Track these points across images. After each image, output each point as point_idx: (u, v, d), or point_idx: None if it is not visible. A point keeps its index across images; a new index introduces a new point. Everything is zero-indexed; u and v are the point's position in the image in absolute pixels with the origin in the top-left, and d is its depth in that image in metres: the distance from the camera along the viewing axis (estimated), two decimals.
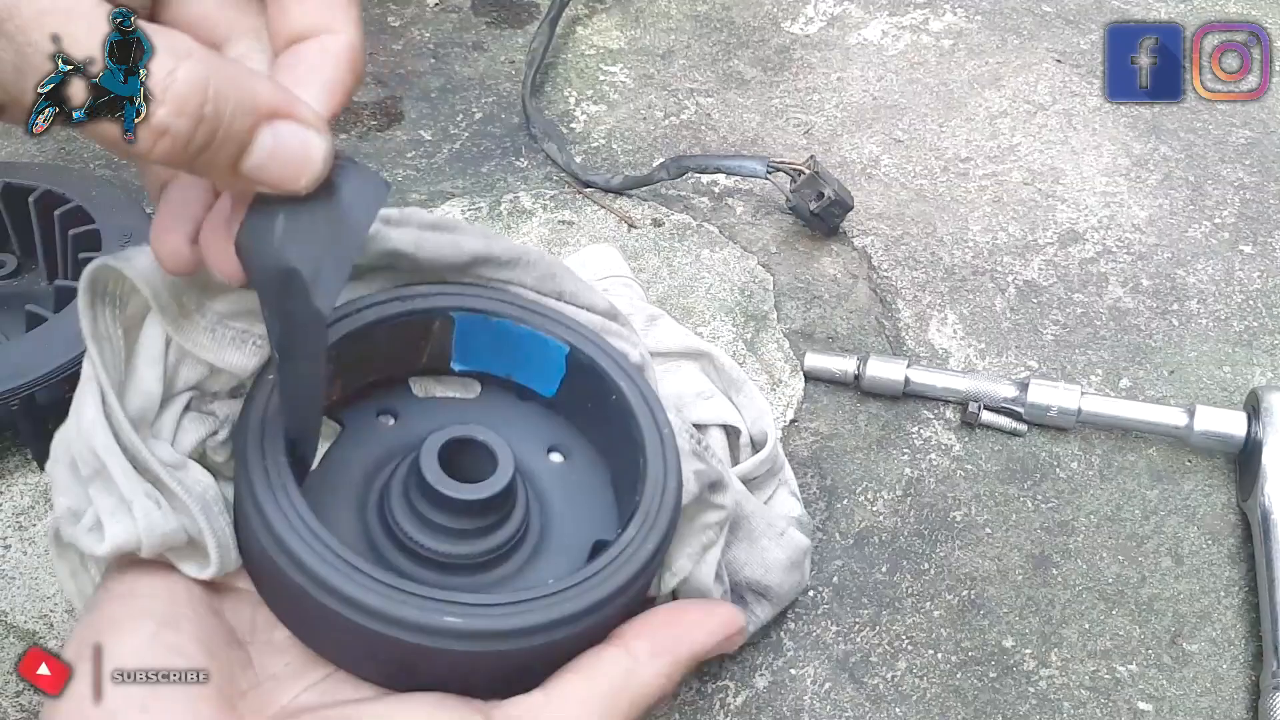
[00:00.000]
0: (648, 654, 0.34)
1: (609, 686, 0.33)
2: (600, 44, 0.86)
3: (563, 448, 0.43)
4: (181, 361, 0.36)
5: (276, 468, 0.34)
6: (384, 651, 0.33)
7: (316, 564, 0.32)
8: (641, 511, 0.37)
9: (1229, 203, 0.75)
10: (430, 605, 0.32)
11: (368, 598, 0.32)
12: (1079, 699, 0.51)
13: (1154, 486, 0.60)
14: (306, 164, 0.30)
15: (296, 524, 0.33)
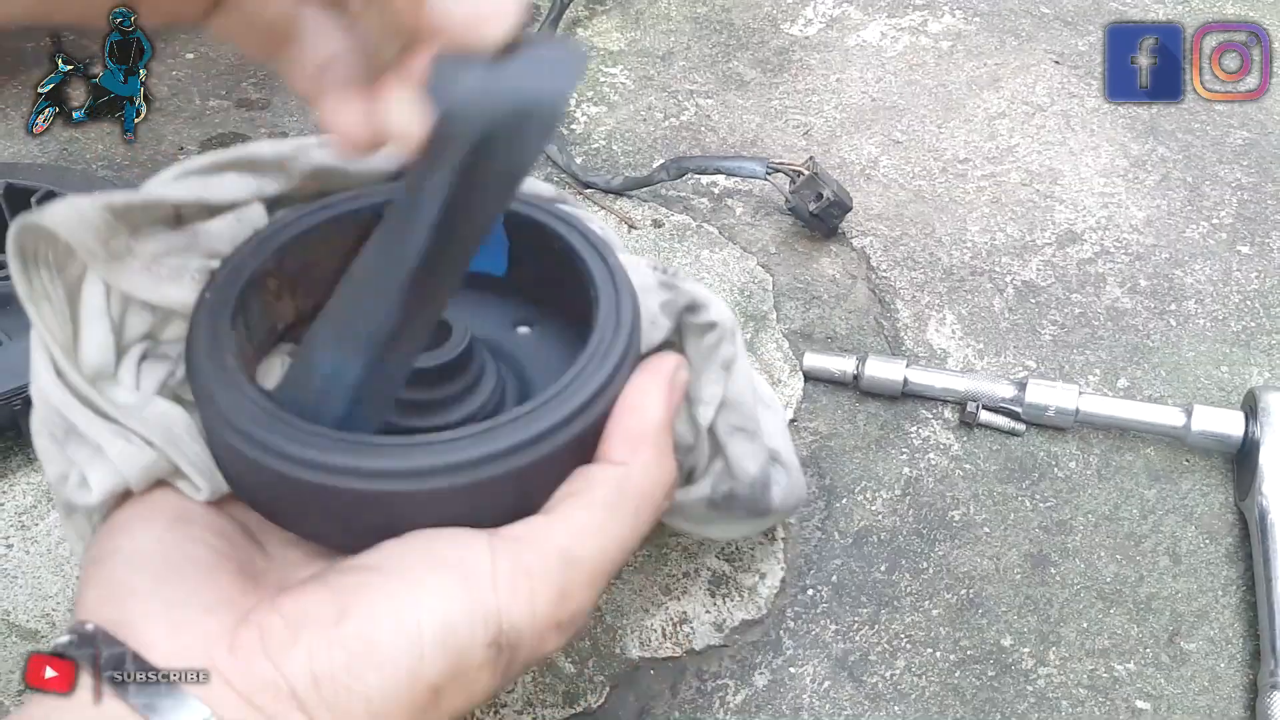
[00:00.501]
0: (629, 453, 0.35)
1: (603, 500, 0.34)
2: (600, 45, 0.86)
3: (528, 320, 0.43)
4: (127, 311, 0.36)
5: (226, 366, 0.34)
6: (370, 511, 0.32)
7: (280, 441, 0.32)
8: (596, 336, 0.36)
9: (1227, 203, 0.76)
10: (396, 449, 0.32)
11: (338, 457, 0.32)
12: (1077, 697, 0.51)
13: (1152, 486, 0.60)
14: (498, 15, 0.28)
15: (251, 408, 0.33)
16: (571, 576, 0.33)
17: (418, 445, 0.32)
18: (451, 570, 0.32)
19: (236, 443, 0.33)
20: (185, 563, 0.32)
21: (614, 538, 0.34)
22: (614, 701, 0.50)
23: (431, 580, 0.31)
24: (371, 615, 0.30)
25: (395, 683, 0.30)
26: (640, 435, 0.35)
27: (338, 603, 0.31)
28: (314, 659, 0.30)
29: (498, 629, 0.31)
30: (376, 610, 0.30)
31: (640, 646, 0.52)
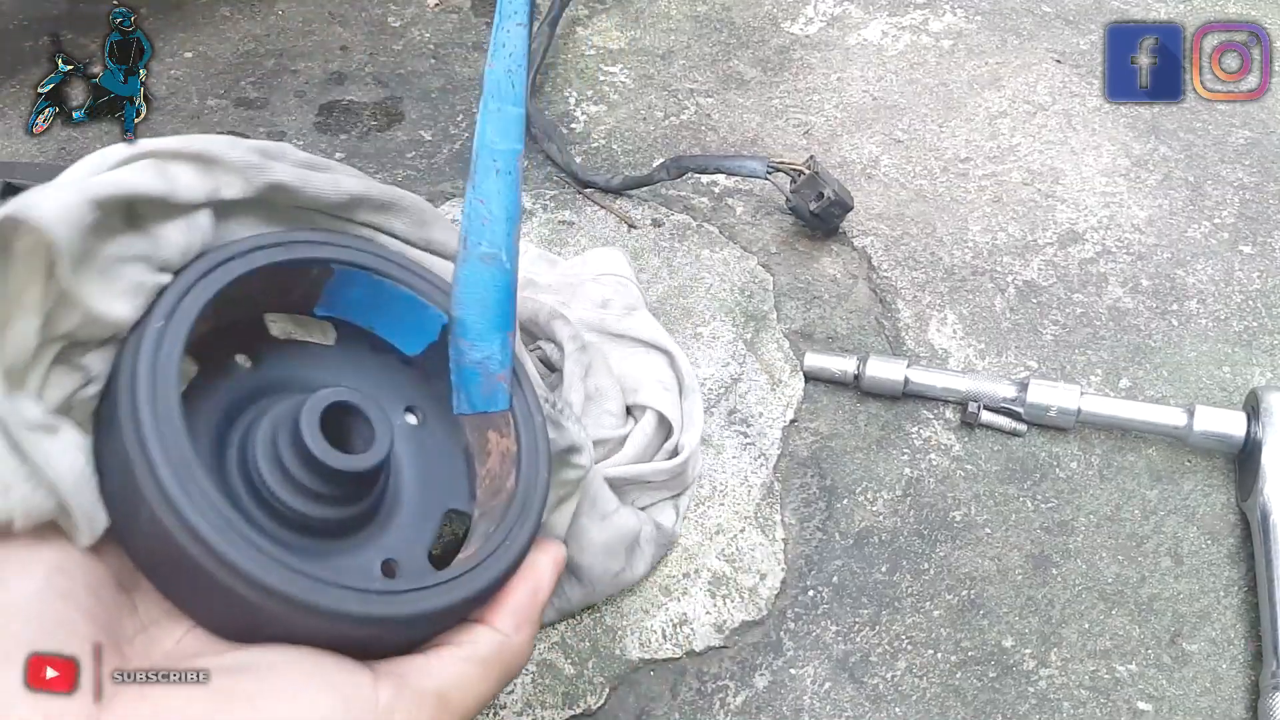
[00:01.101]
0: (513, 628, 0.36)
1: (482, 657, 0.35)
2: (600, 44, 0.86)
3: (419, 409, 0.42)
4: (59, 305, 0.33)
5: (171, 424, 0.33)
6: (269, 625, 0.32)
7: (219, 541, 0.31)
8: (518, 500, 0.38)
9: (1228, 203, 0.76)
10: (315, 585, 0.32)
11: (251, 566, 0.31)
12: (1078, 699, 0.51)
13: (1153, 486, 0.60)
14: None
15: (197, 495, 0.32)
16: (444, 716, 0.34)
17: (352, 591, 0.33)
18: (335, 692, 0.32)
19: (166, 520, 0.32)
20: (58, 627, 0.31)
21: (480, 693, 0.35)
22: (614, 703, 0.50)
23: (313, 697, 0.31)
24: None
25: None
26: (528, 614, 0.37)
27: (214, 703, 0.30)
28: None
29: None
30: (254, 718, 0.30)
31: (640, 647, 0.51)
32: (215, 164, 0.38)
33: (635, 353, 0.56)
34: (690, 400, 0.55)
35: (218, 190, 0.38)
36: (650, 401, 0.53)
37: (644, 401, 0.53)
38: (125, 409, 0.33)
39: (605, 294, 0.59)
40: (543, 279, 0.60)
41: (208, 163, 0.37)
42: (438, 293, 0.41)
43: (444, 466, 0.41)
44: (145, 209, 0.36)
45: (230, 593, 0.32)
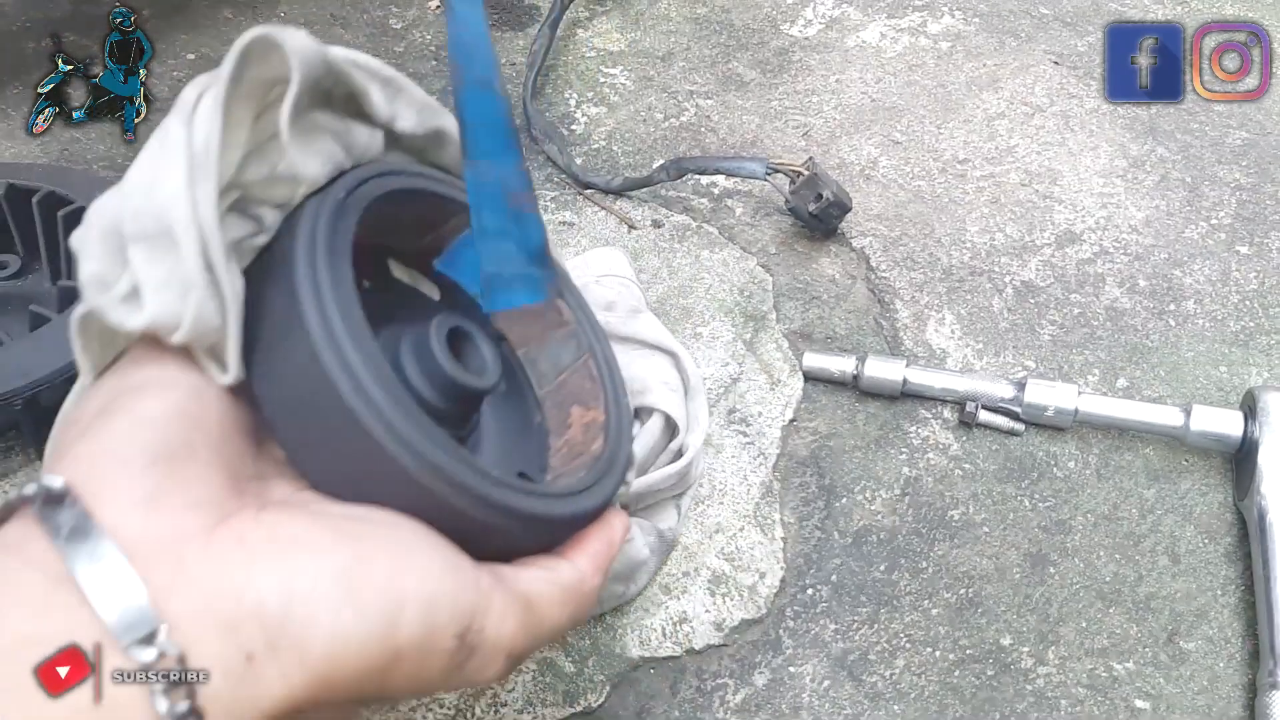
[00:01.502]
0: (590, 569, 0.37)
1: (566, 583, 0.36)
2: (600, 46, 0.86)
3: (503, 380, 0.43)
4: (249, 156, 0.34)
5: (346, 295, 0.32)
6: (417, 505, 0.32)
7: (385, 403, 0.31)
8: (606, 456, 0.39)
9: (1226, 203, 0.76)
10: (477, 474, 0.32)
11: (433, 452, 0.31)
12: (1076, 697, 0.51)
13: (1151, 486, 0.60)
14: None
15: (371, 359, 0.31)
16: (529, 621, 0.34)
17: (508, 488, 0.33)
18: (442, 555, 0.32)
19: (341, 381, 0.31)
20: (185, 449, 0.31)
21: (557, 619, 0.36)
22: (614, 701, 0.50)
23: (428, 554, 0.31)
24: (367, 558, 0.30)
25: (367, 632, 0.29)
26: (600, 562, 0.38)
27: (333, 536, 0.30)
28: (295, 582, 0.29)
29: (469, 625, 0.31)
30: (372, 556, 0.30)
31: (640, 646, 0.52)
32: (401, 92, 0.38)
33: (641, 355, 0.56)
34: (695, 401, 0.55)
35: (395, 118, 0.38)
36: (658, 404, 0.53)
37: (651, 404, 0.53)
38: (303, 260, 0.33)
39: (609, 296, 0.59)
40: None
41: (396, 89, 0.38)
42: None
43: (519, 436, 0.42)
44: (344, 97, 0.37)
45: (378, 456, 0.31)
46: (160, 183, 0.32)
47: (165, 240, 0.31)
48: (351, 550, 0.30)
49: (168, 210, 0.31)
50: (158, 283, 0.31)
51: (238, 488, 0.32)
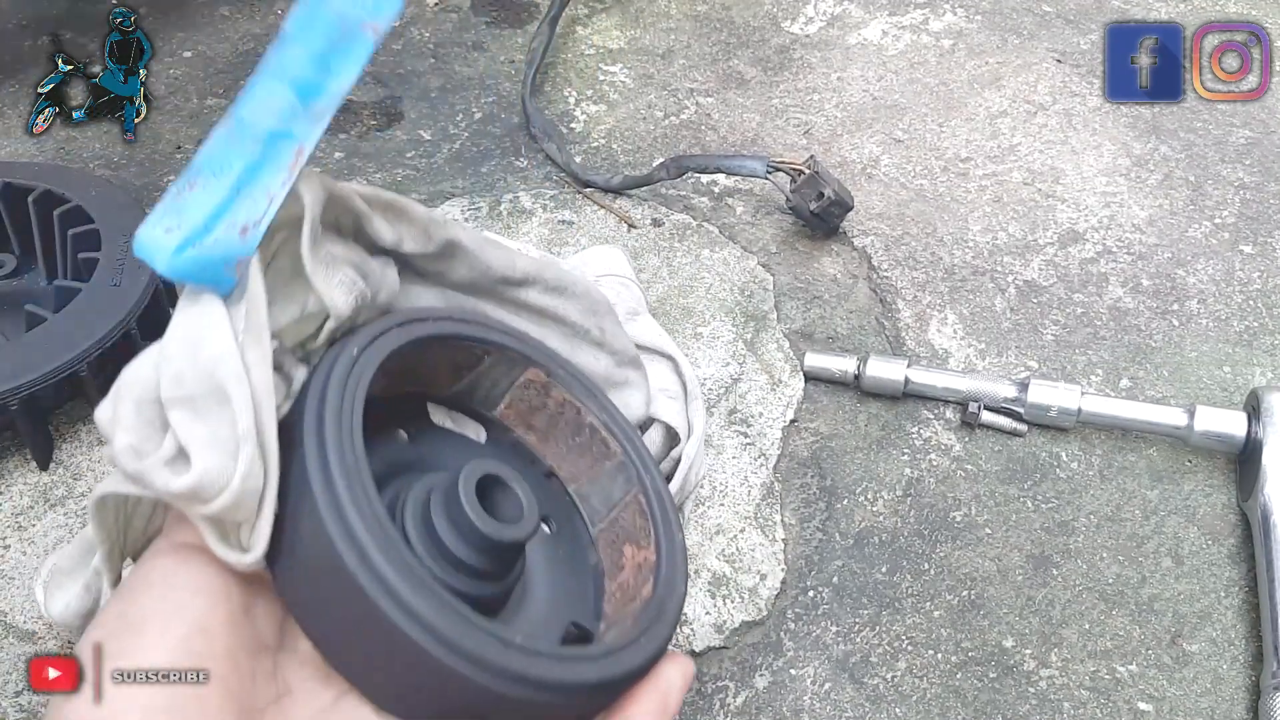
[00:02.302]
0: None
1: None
2: (600, 44, 0.86)
3: (553, 521, 0.42)
4: (274, 300, 0.33)
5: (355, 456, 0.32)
6: (434, 683, 0.31)
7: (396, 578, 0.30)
8: (656, 602, 0.37)
9: (1229, 203, 0.75)
10: (496, 645, 0.30)
11: (444, 623, 0.30)
12: (1079, 699, 0.51)
13: (1154, 487, 0.60)
14: None
15: (371, 523, 0.30)
16: None
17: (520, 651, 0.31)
18: None
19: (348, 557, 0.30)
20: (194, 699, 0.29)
21: None
22: None
23: None
24: None
25: None
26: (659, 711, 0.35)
27: None
28: None
29: None
30: None
31: None
32: (402, 214, 0.38)
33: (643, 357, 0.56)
34: (693, 406, 0.55)
35: (400, 241, 0.38)
36: (657, 414, 0.53)
37: (651, 413, 0.53)
38: (310, 430, 0.32)
39: (609, 297, 0.59)
40: None
41: (397, 212, 0.38)
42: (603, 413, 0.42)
43: (572, 580, 0.40)
44: (352, 229, 0.36)
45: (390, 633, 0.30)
46: (205, 342, 0.31)
47: (213, 399, 0.31)
48: None
49: (216, 367, 0.30)
50: (205, 441, 0.30)
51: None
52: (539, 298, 0.42)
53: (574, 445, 0.42)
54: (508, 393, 0.42)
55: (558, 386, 0.42)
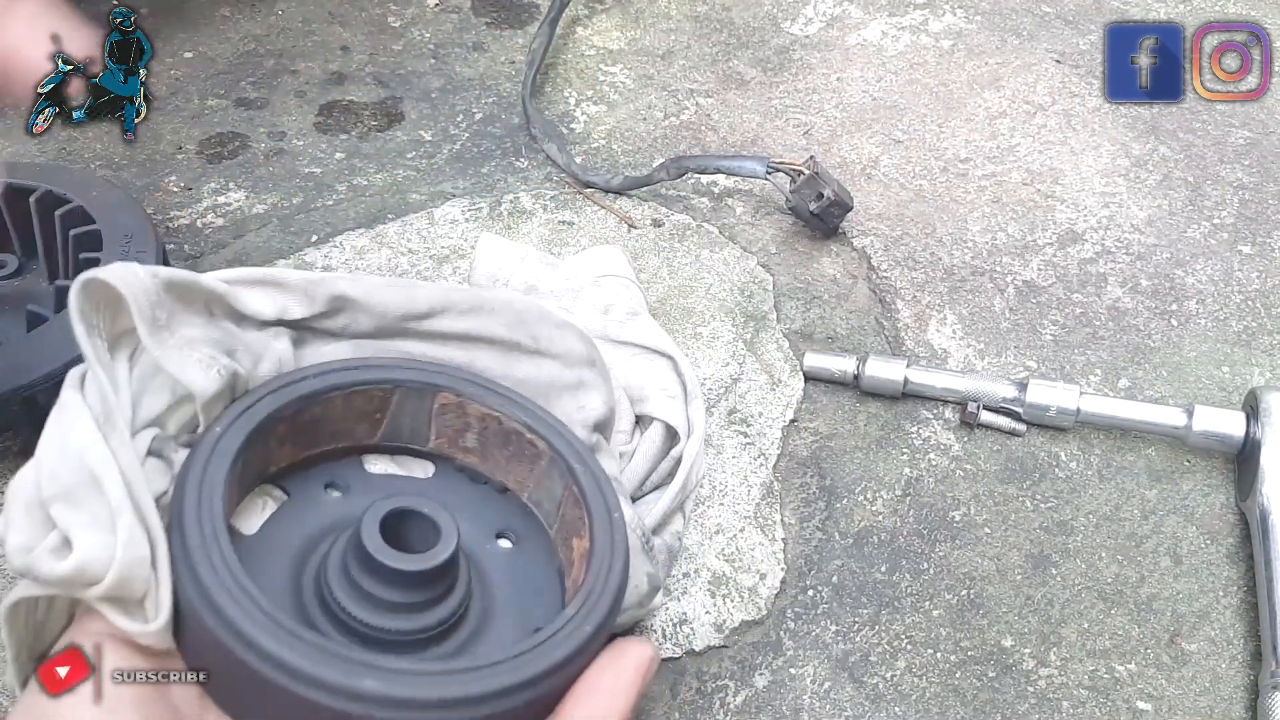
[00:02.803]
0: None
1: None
2: (600, 44, 0.86)
3: (512, 533, 0.42)
4: (144, 390, 0.36)
5: (211, 520, 0.33)
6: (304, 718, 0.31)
7: (239, 617, 0.31)
8: (584, 590, 0.36)
9: (1228, 203, 0.76)
10: (352, 667, 0.30)
11: (288, 654, 0.30)
12: (1078, 698, 0.51)
13: (1153, 486, 0.60)
14: None
15: (224, 576, 0.32)
16: None
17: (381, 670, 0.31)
18: None
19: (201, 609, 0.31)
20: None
21: None
22: None
23: None
24: None
25: None
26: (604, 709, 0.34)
27: None
28: None
29: None
30: None
31: None
32: (278, 285, 0.40)
33: (639, 360, 0.56)
34: (693, 405, 0.55)
35: (285, 310, 0.40)
36: (657, 413, 0.53)
37: (650, 412, 0.53)
38: (175, 512, 0.33)
39: (607, 299, 0.59)
40: (544, 284, 0.60)
41: (271, 285, 0.39)
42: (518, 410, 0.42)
43: (538, 587, 0.40)
44: (217, 308, 0.38)
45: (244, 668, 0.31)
46: (70, 438, 0.33)
47: (87, 487, 0.32)
48: None
49: (83, 456, 0.32)
50: (84, 525, 0.32)
51: None
52: (455, 323, 0.43)
53: (508, 455, 0.43)
54: (430, 423, 0.42)
55: (472, 403, 0.42)
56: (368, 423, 0.41)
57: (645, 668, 0.36)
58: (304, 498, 0.40)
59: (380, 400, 0.41)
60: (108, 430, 0.33)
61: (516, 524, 0.42)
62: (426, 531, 0.36)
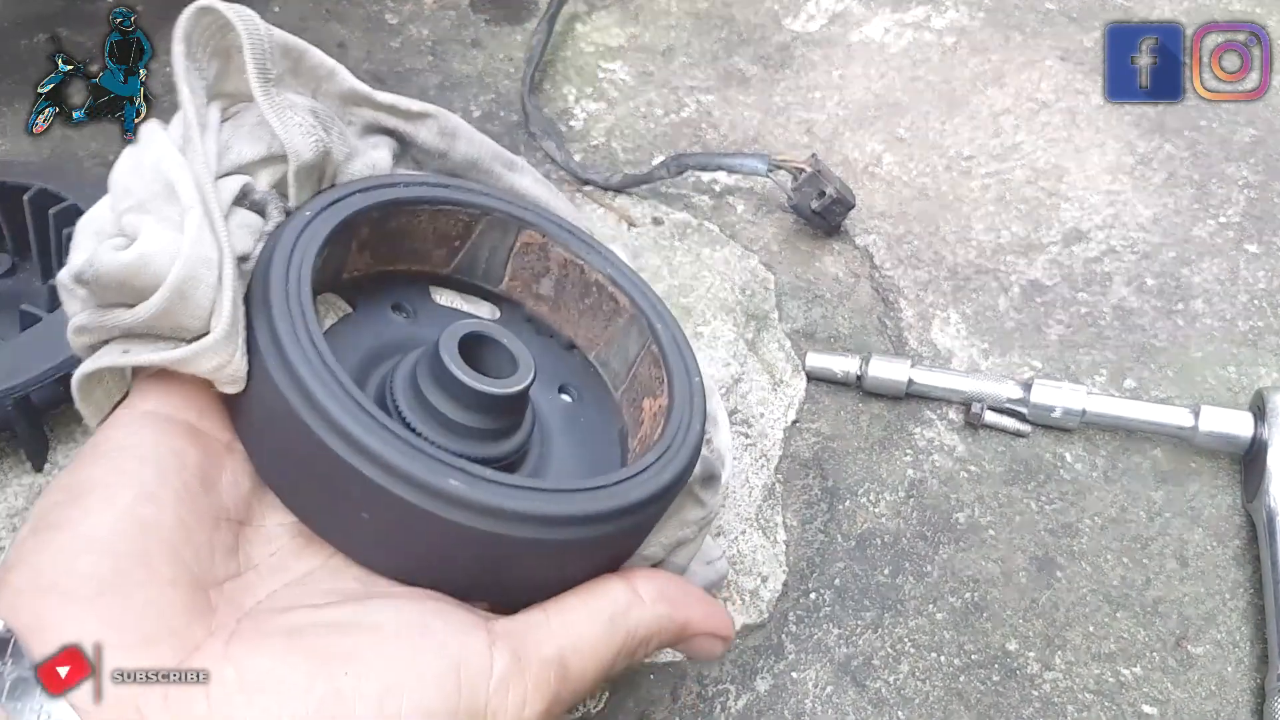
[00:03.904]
0: (651, 597, 0.33)
1: (610, 613, 0.32)
2: (600, 41, 0.85)
3: (574, 389, 0.40)
4: (236, 137, 0.34)
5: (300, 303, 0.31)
6: (379, 514, 0.29)
7: (329, 402, 0.29)
8: (662, 443, 0.35)
9: (1234, 201, 0.75)
10: (439, 466, 0.29)
11: (377, 444, 0.28)
12: (1083, 702, 0.51)
13: (1159, 488, 0.59)
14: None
15: (313, 359, 0.29)
16: (560, 691, 0.30)
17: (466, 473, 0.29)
18: (446, 657, 0.29)
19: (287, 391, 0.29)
20: (137, 568, 0.28)
21: (601, 660, 0.32)
22: (613, 707, 0.49)
23: (422, 663, 0.28)
24: (348, 692, 0.27)
25: None
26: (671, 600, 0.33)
27: (309, 669, 0.27)
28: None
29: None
30: (355, 687, 0.27)
31: None
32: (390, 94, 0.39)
33: None
34: (712, 401, 0.53)
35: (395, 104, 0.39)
36: None
37: None
38: (258, 291, 0.31)
39: None
40: None
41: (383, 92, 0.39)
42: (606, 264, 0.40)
43: (597, 448, 0.39)
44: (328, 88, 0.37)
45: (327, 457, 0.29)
46: (147, 154, 0.31)
47: (160, 197, 0.31)
48: (331, 682, 0.27)
49: (158, 165, 0.31)
50: (151, 225, 0.30)
51: (205, 602, 0.29)
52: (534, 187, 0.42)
53: (584, 308, 0.41)
54: (508, 262, 0.40)
55: (556, 246, 0.40)
56: (446, 248, 0.40)
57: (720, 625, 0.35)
58: (369, 314, 0.38)
59: (464, 226, 0.39)
60: (187, 150, 0.32)
61: (579, 381, 0.41)
62: (502, 360, 0.35)
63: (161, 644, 0.27)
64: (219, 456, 0.32)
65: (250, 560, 0.32)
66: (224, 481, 0.32)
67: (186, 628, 0.28)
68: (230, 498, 0.32)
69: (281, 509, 0.33)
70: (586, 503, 0.31)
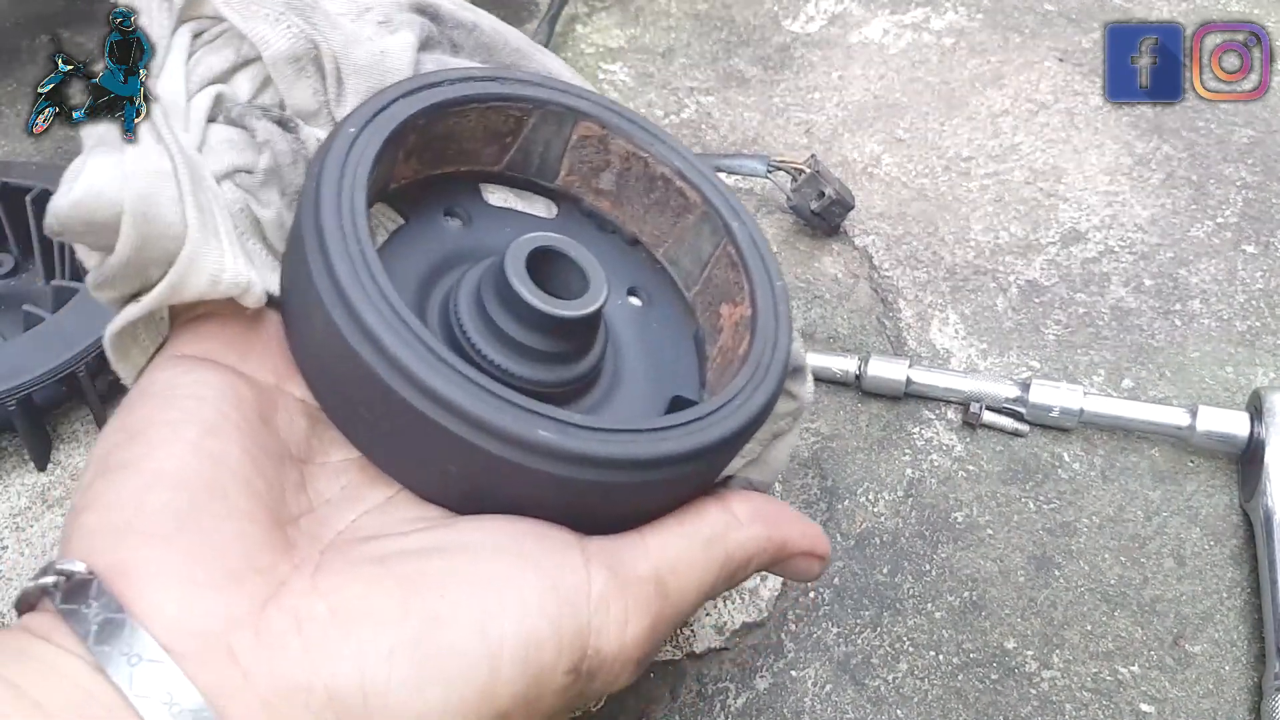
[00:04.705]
0: (747, 517, 0.32)
1: (707, 535, 0.31)
2: (600, 42, 0.86)
3: (644, 291, 0.38)
4: (204, 53, 0.31)
5: (358, 240, 0.28)
6: (465, 467, 0.28)
7: (405, 354, 0.27)
8: (751, 361, 0.33)
9: (1232, 202, 0.75)
10: (527, 417, 0.27)
11: (462, 398, 0.27)
12: (1081, 701, 0.51)
13: (1156, 487, 0.59)
14: None
15: (380, 306, 0.27)
16: (663, 609, 0.29)
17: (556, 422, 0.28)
18: (542, 577, 0.27)
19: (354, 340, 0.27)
20: (213, 501, 0.26)
21: (700, 583, 0.30)
22: (613, 705, 0.49)
23: (519, 583, 0.27)
24: (446, 617, 0.25)
25: (462, 702, 0.25)
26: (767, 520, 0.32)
27: (402, 595, 0.26)
28: (367, 665, 0.24)
29: (582, 653, 0.27)
30: (453, 611, 0.26)
31: None
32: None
33: None
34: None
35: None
36: None
37: None
38: (308, 212, 0.29)
39: None
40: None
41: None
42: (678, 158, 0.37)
43: (671, 352, 0.36)
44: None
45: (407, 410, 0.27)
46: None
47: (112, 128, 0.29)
48: (426, 611, 0.26)
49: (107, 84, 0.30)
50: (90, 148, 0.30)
51: (283, 538, 0.27)
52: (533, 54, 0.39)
53: (650, 203, 0.38)
54: (564, 156, 0.37)
55: (617, 138, 0.37)
56: (497, 145, 0.37)
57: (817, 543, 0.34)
58: (423, 224, 0.35)
59: (515, 121, 0.36)
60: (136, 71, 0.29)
61: (647, 280, 0.38)
62: (571, 276, 0.33)
63: (247, 580, 0.25)
64: (271, 396, 0.31)
65: (321, 495, 0.30)
66: (280, 421, 0.30)
67: (271, 563, 0.26)
68: (290, 436, 0.30)
69: (343, 444, 0.31)
70: (681, 440, 0.30)
